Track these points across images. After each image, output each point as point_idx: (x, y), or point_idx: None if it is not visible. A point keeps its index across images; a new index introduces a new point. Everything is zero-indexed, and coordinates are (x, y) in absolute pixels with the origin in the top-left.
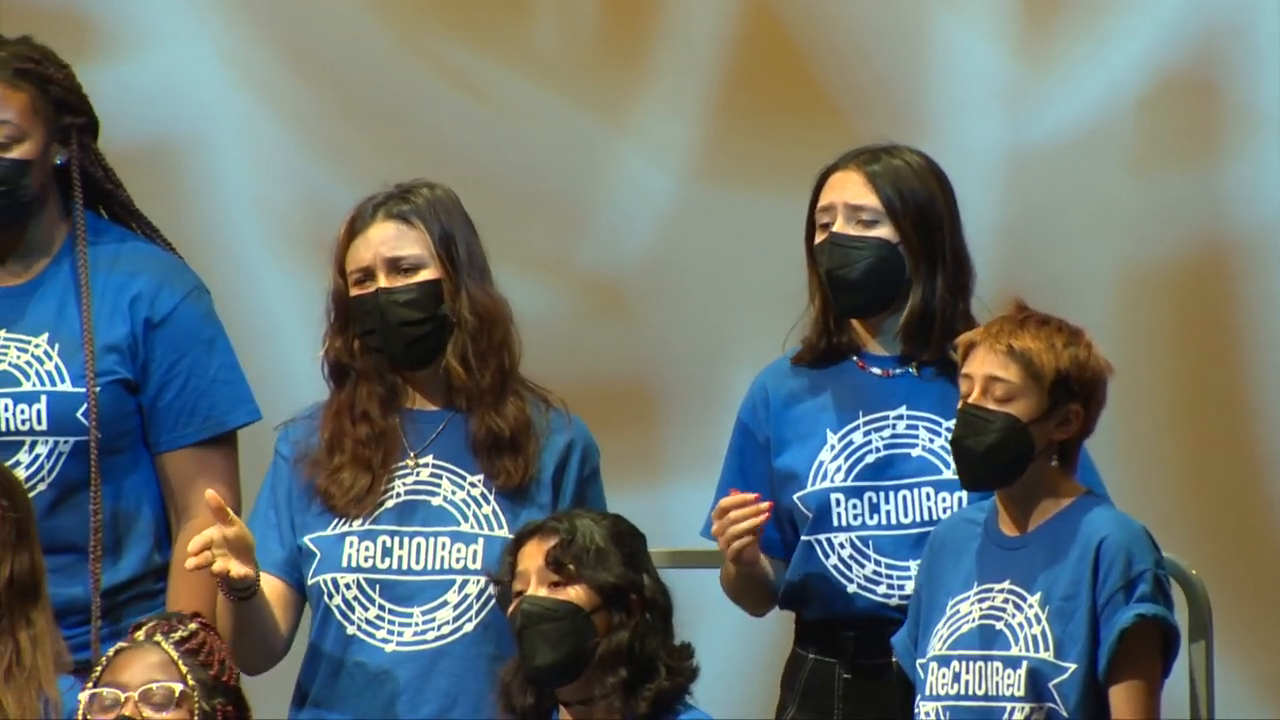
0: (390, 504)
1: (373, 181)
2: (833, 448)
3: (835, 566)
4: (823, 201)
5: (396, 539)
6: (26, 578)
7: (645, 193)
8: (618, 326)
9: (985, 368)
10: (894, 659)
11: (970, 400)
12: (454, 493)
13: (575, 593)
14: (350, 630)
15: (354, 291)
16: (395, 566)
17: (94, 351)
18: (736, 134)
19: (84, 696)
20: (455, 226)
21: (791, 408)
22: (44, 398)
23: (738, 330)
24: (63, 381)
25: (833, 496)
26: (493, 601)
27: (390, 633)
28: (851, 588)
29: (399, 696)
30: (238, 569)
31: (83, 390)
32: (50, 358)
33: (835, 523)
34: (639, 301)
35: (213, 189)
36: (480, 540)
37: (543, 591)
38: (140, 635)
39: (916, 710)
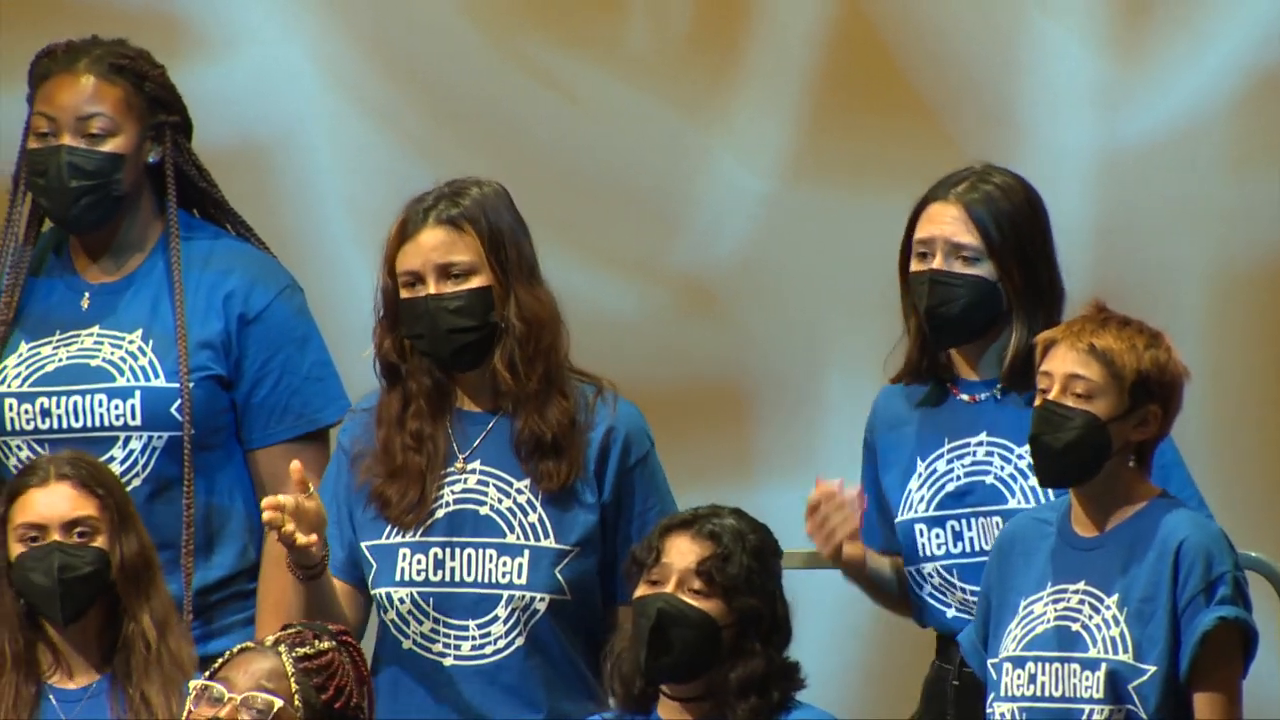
0: (440, 513)
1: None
2: (919, 476)
3: (930, 595)
4: (922, 234)
5: (447, 550)
6: (137, 558)
7: (737, 193)
8: (710, 327)
9: (1066, 365)
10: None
11: (1050, 397)
12: (500, 500)
13: (715, 607)
14: (406, 644)
15: (404, 294)
16: (447, 579)
17: (187, 347)
18: (828, 134)
19: (196, 684)
20: (504, 227)
21: (893, 429)
22: (138, 393)
23: (830, 330)
24: (156, 377)
25: (916, 527)
26: (539, 616)
27: (447, 646)
28: (950, 612)
29: (459, 711)
30: (303, 538)
31: (176, 385)
32: (144, 353)
33: (921, 553)
34: (731, 302)
35: (305, 189)
36: (526, 552)
37: (685, 596)
38: (269, 640)
39: (990, 710)
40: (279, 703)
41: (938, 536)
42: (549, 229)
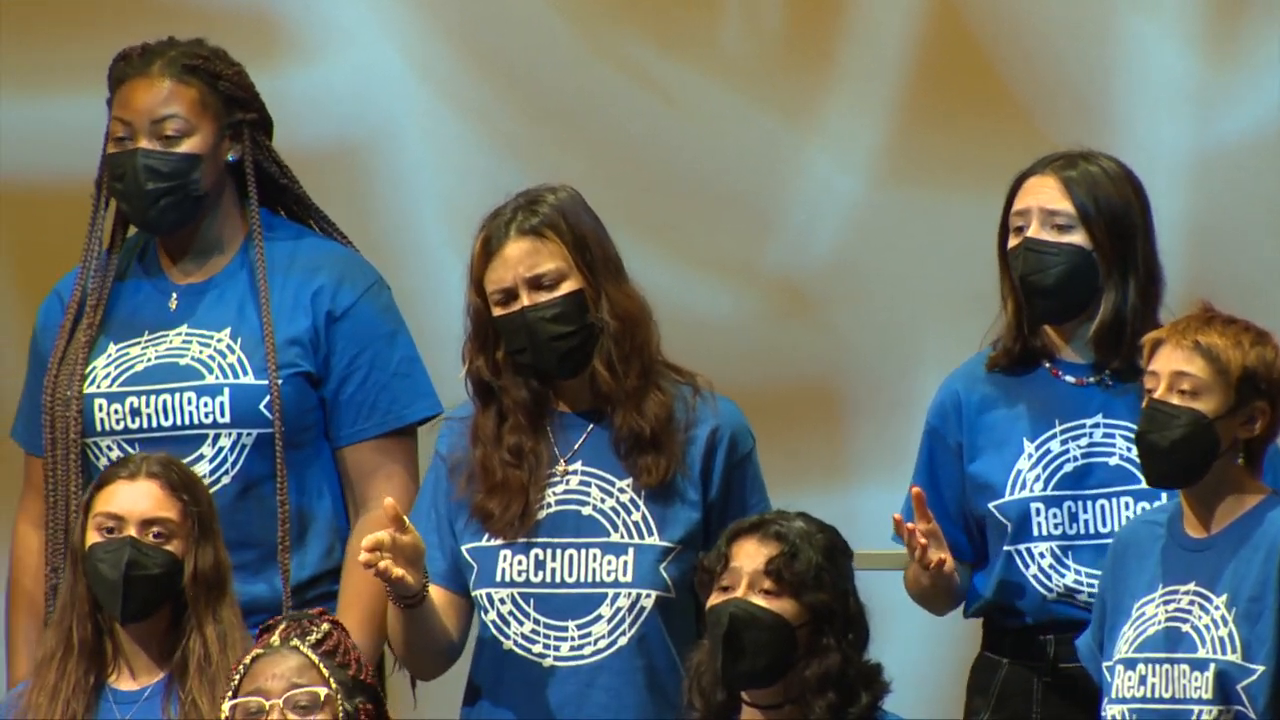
0: (542, 515)
1: (557, 181)
2: (1030, 456)
3: (1035, 576)
4: (1017, 206)
5: (549, 551)
6: (211, 572)
7: (831, 194)
8: (804, 328)
9: (1172, 363)
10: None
11: (1156, 396)
12: (603, 500)
13: (787, 606)
14: (507, 645)
15: (497, 311)
16: (548, 580)
17: (275, 344)
18: (922, 135)
19: (226, 706)
20: (586, 229)
21: (985, 414)
22: (227, 390)
23: (924, 332)
24: (245, 374)
25: (1033, 506)
26: (645, 614)
27: (547, 647)
28: (1051, 596)
29: (559, 711)
30: (401, 573)
31: (265, 383)
32: (233, 351)
33: (1035, 532)
34: (825, 303)
35: (399, 189)
36: (630, 550)
37: (756, 598)
38: (275, 640)
39: (1104, 713)
40: (323, 691)
41: (1054, 516)
42: (642, 230)
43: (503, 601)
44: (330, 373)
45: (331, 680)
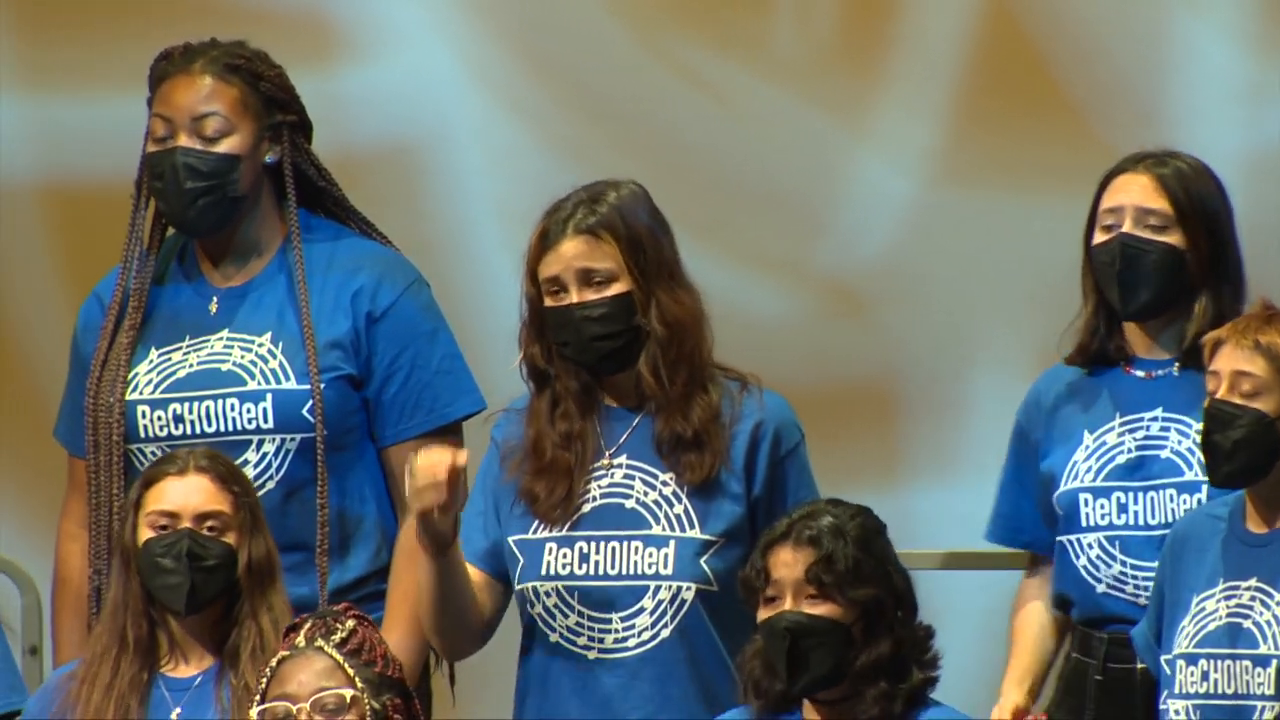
0: (587, 508)
1: (622, 179)
2: (1087, 448)
3: (1085, 567)
4: (1109, 203)
5: (593, 544)
6: (263, 561)
7: (883, 195)
8: (856, 329)
9: (1232, 363)
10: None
11: (1217, 396)
12: (646, 494)
13: (835, 608)
14: (553, 638)
15: (548, 301)
16: (592, 572)
17: (316, 348)
18: (975, 136)
19: (254, 712)
20: (643, 231)
21: (1058, 410)
22: (269, 396)
23: (976, 332)
24: (287, 379)
25: (1081, 496)
26: (687, 606)
27: (591, 640)
28: (1101, 588)
29: (604, 705)
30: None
31: (307, 387)
32: (274, 356)
33: (1083, 522)
34: (877, 304)
35: (452, 190)
36: (671, 543)
37: (805, 607)
38: (301, 641)
39: (1164, 707)
40: (349, 693)
41: (1102, 507)
42: (695, 230)
43: (548, 595)
44: (372, 373)
45: (357, 680)
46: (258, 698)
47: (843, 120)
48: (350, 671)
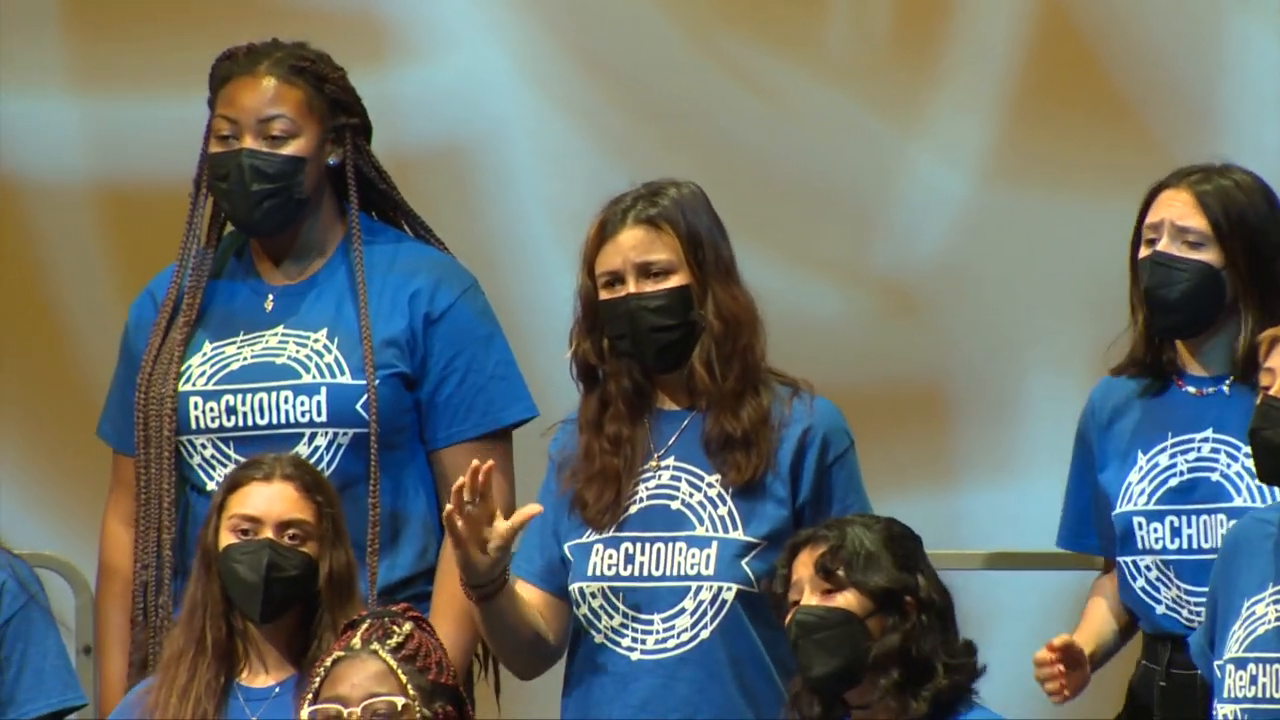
0: (634, 510)
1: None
2: (1140, 469)
3: (1143, 589)
4: (1151, 218)
5: (638, 545)
6: (344, 573)
7: (937, 195)
8: (910, 329)
9: None
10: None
11: (1270, 393)
12: (691, 495)
13: (847, 599)
14: (597, 639)
15: (603, 295)
16: (636, 573)
17: (373, 345)
18: (1029, 136)
19: (305, 713)
20: (702, 228)
21: (1113, 423)
22: (324, 390)
23: (1031, 333)
24: (342, 374)
25: (1135, 520)
26: (727, 607)
27: (634, 640)
28: (1160, 609)
29: (644, 705)
30: (464, 534)
31: (362, 383)
32: (330, 351)
33: (1139, 546)
34: (931, 304)
35: (506, 190)
36: (714, 544)
37: (815, 600)
38: (357, 642)
39: (1215, 712)
40: (400, 700)
41: (1155, 531)
42: (749, 230)
43: (594, 595)
44: (427, 374)
45: (409, 687)
46: (310, 695)
47: (896, 119)
48: (403, 678)
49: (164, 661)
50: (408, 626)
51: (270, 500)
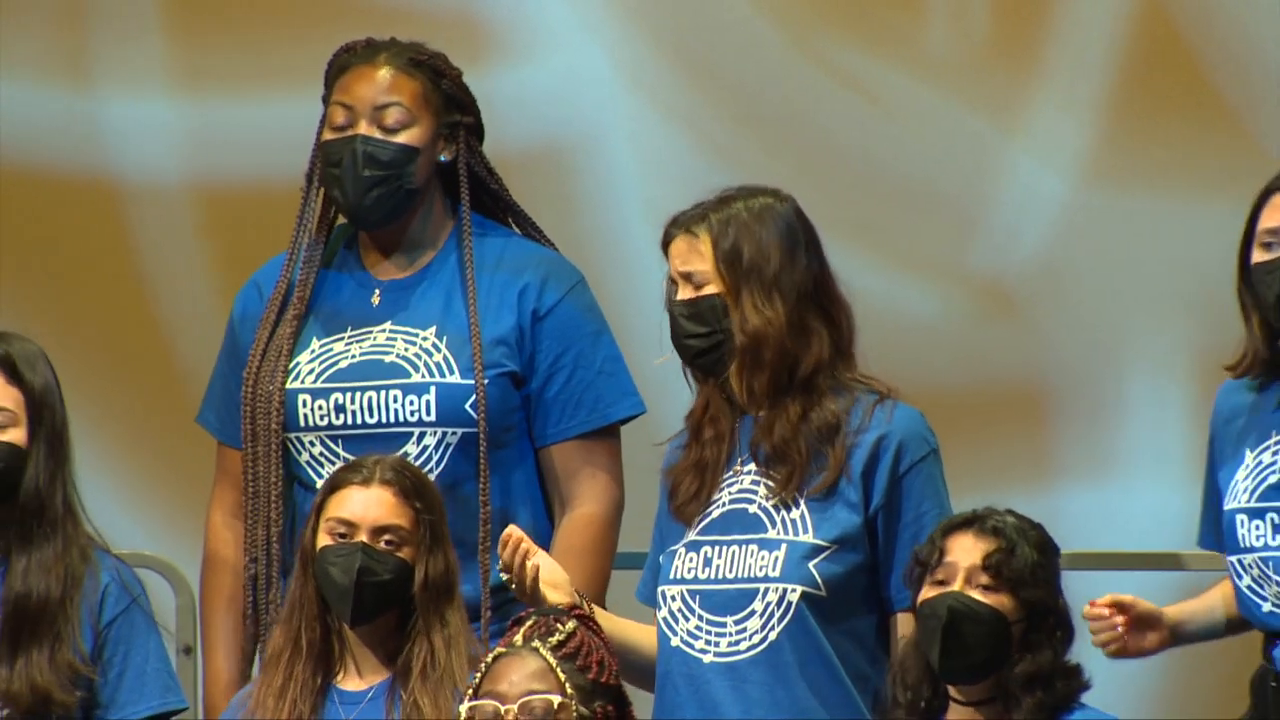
0: (715, 514)
1: (772, 186)
2: (1246, 466)
3: (1249, 587)
4: (1268, 223)
5: (716, 549)
6: (441, 579)
7: (1037, 195)
8: (1009, 330)
9: None
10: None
11: None
12: (768, 499)
13: (1004, 601)
14: (674, 641)
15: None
16: (712, 576)
17: (481, 343)
18: (1129, 136)
19: (464, 707)
20: (747, 242)
21: (1230, 424)
22: (432, 389)
23: (1130, 333)
24: (451, 373)
25: (1238, 517)
26: (793, 609)
27: (708, 643)
28: (1266, 606)
29: (716, 708)
30: (532, 585)
31: (471, 382)
32: (438, 350)
33: (1241, 544)
34: (1030, 305)
35: (604, 191)
36: (783, 546)
37: (973, 592)
38: (519, 640)
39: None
40: (557, 699)
41: (1257, 528)
42: (848, 232)
43: (673, 599)
44: (535, 371)
45: (567, 685)
46: (470, 691)
47: (995, 120)
48: (561, 676)
49: (264, 662)
50: (571, 625)
51: (367, 505)
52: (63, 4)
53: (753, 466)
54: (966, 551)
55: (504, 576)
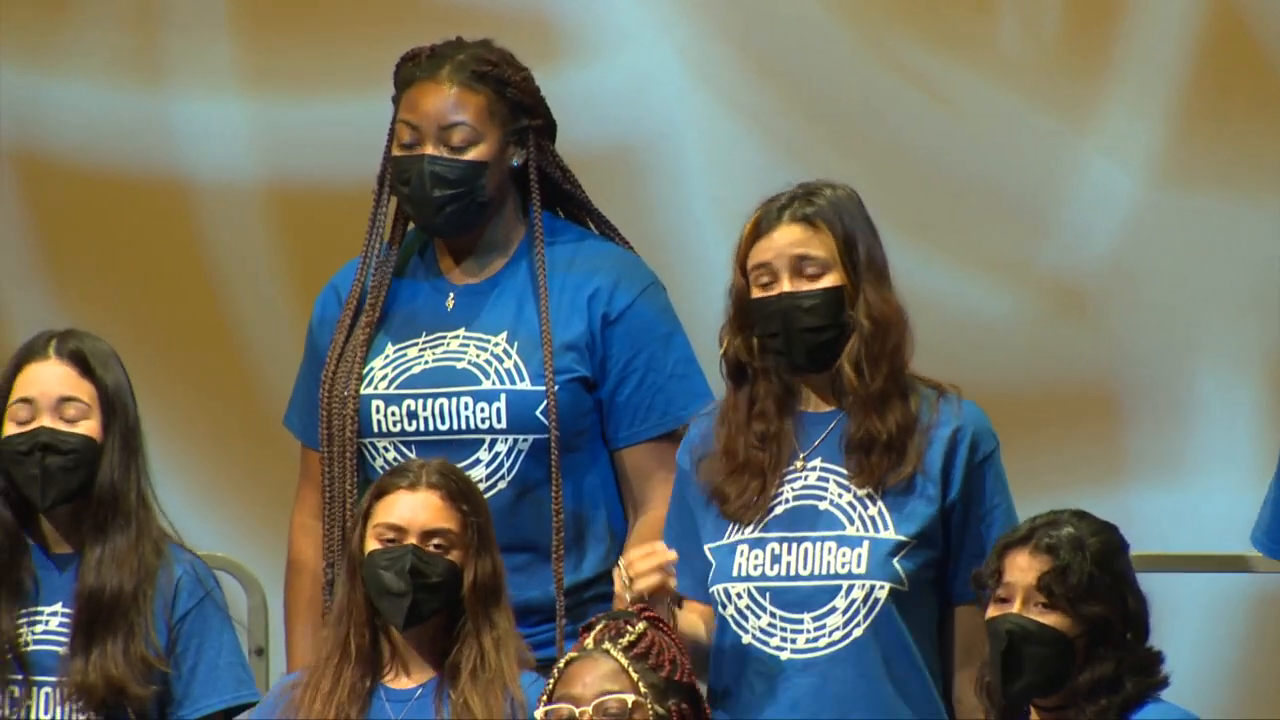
0: (779, 510)
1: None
2: None
3: None
4: None
5: (785, 545)
6: (489, 580)
7: (1108, 195)
8: (1080, 329)
9: None
10: None
11: None
12: (840, 496)
13: (1062, 620)
14: (745, 639)
15: (756, 293)
16: (784, 573)
17: (552, 350)
18: (1201, 136)
19: (540, 713)
20: (857, 229)
21: None
22: (503, 396)
23: (1202, 333)
24: (522, 380)
25: None
26: (880, 605)
27: (784, 640)
28: None
29: (796, 705)
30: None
31: (542, 389)
32: (509, 356)
33: None
34: (1101, 304)
35: (675, 190)
36: (865, 543)
37: (1031, 613)
38: (590, 643)
39: None
40: (632, 697)
41: None
42: (918, 231)
43: (739, 596)
44: (606, 375)
45: (641, 684)
46: (545, 696)
47: (1066, 119)
48: (635, 676)
49: (312, 665)
50: (641, 626)
51: (415, 509)
52: (133, 4)
53: (818, 462)
54: (1022, 571)
55: (626, 579)
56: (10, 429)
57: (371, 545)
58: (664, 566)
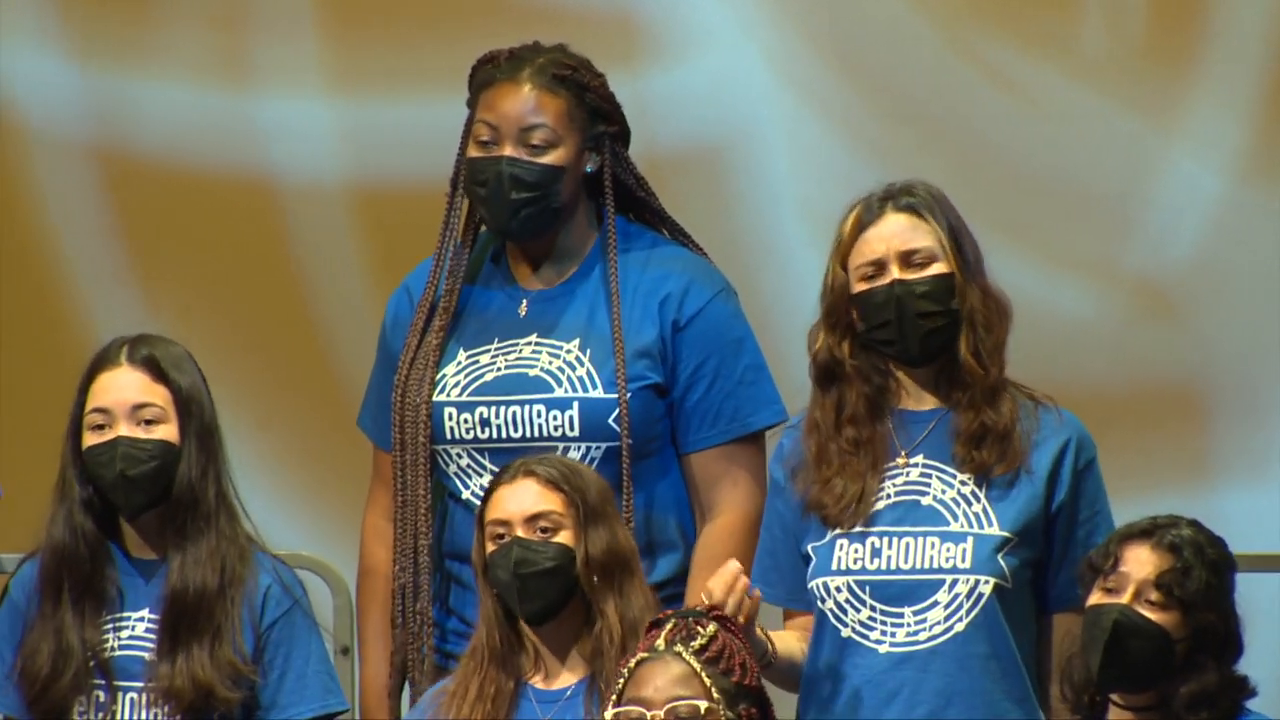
0: (880, 505)
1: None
2: None
3: None
4: None
5: (885, 539)
6: (605, 555)
7: (1194, 194)
8: (1166, 329)
9: None
10: None
11: None
12: (944, 492)
13: (1172, 620)
14: (845, 633)
15: (861, 286)
16: (884, 567)
17: (624, 358)
18: None
19: (609, 714)
20: (957, 221)
21: None
22: (576, 404)
23: None
24: (594, 388)
25: None
26: (984, 600)
27: (884, 634)
28: None
29: (895, 697)
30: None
31: (614, 396)
32: (582, 363)
33: None
34: (1187, 304)
35: (758, 190)
36: (970, 539)
37: (1142, 607)
38: (660, 644)
39: None
40: (704, 704)
41: None
42: (1003, 230)
43: (839, 590)
44: (677, 380)
45: (713, 689)
46: (614, 698)
47: (1152, 119)
48: (707, 681)
49: (459, 673)
50: (712, 628)
51: (514, 499)
52: (220, 5)
53: (921, 458)
54: (1141, 564)
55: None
56: (90, 439)
57: (489, 547)
58: (745, 590)
